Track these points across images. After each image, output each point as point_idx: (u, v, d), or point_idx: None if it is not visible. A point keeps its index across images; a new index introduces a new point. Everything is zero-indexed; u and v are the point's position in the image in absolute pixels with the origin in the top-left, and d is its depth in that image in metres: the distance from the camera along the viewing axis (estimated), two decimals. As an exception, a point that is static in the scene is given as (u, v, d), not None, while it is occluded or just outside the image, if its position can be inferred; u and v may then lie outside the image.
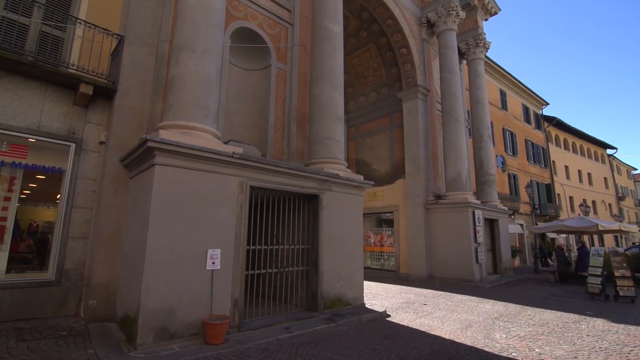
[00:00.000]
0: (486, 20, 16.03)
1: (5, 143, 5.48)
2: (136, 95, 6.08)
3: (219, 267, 4.90)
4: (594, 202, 31.46)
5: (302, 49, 8.74)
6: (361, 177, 7.61)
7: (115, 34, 6.30)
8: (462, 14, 13.82)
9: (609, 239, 30.01)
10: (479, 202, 12.68)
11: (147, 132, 5.85)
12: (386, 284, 11.36)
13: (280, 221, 6.61)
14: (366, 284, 9.99)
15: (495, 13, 16.07)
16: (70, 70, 5.80)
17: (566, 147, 30.37)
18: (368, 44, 14.57)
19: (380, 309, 6.97)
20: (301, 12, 8.91)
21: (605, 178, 35.14)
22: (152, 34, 6.37)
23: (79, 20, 6.10)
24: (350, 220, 7.26)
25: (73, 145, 5.93)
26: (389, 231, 14.27)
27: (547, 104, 28.00)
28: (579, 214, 20.63)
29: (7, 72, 5.48)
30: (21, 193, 5.81)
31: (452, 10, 13.39)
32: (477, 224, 11.87)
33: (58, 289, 5.53)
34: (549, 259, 17.78)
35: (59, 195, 5.92)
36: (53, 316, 5.41)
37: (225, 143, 5.82)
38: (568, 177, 29.23)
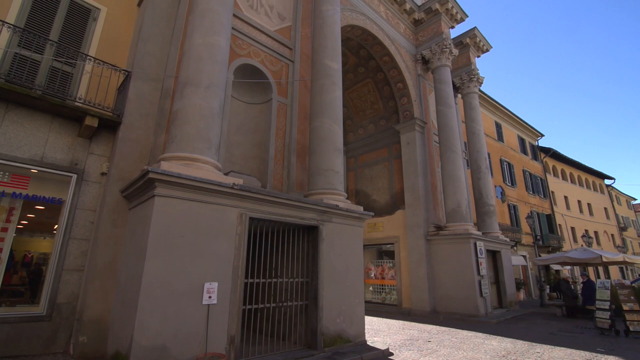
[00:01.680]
0: (478, 57, 16.76)
1: (7, 174, 5.52)
2: (140, 128, 6.21)
3: (215, 301, 4.76)
4: (596, 233, 31.16)
5: (302, 84, 9.06)
6: (361, 208, 7.60)
7: (123, 70, 6.56)
8: (455, 52, 14.47)
9: (614, 271, 29.41)
10: (480, 233, 12.56)
11: (149, 164, 5.92)
12: (388, 319, 10.97)
13: (279, 253, 6.51)
14: (367, 319, 9.65)
15: (487, 50, 16.83)
16: (77, 103, 5.97)
17: (564, 178, 30.59)
18: (366, 79, 15.12)
19: (382, 347, 6.68)
20: (302, 50, 9.33)
21: (605, 208, 35.06)
22: (159, 70, 6.62)
23: (88, 57, 6.38)
24: (350, 252, 7.16)
25: (75, 176, 5.98)
26: (390, 263, 14.01)
27: (542, 135, 28.58)
28: (582, 245, 20.37)
29: (16, 105, 5.64)
30: (18, 223, 5.76)
31: (446, 48, 14.04)
32: (479, 255, 11.68)
33: (49, 324, 5.33)
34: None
35: (56, 226, 5.87)
36: (41, 353, 5.18)
37: (226, 174, 5.88)
38: (568, 207, 29.17)
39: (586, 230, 29.05)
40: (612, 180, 36.16)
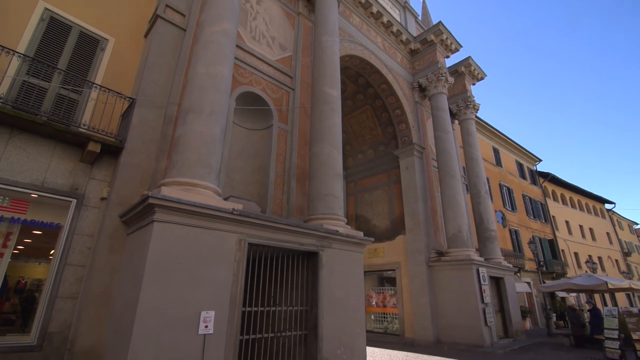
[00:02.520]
0: (474, 84, 17.23)
1: (7, 198, 5.52)
2: (142, 153, 6.28)
3: (212, 331, 4.62)
4: (600, 259, 30.71)
5: (303, 111, 9.25)
6: (361, 234, 7.53)
7: (128, 97, 6.72)
8: (451, 80, 14.89)
9: (621, 298, 28.70)
10: (482, 259, 12.38)
11: (150, 189, 5.94)
12: (390, 350, 10.57)
13: (278, 280, 6.38)
14: (369, 349, 9.30)
15: (482, 78, 17.33)
16: (80, 129, 6.07)
17: (564, 202, 30.55)
18: (364, 106, 15.46)
19: (384, 379, 6.40)
20: (302, 78, 9.61)
21: (607, 233, 34.76)
22: (162, 97, 6.79)
23: (94, 85, 6.55)
24: (351, 279, 7.02)
25: (74, 201, 5.97)
26: (391, 290, 13.69)
27: (540, 160, 28.85)
28: (586, 271, 20.01)
29: (21, 131, 5.73)
30: (15, 248, 5.69)
31: (442, 76, 14.46)
32: (482, 282, 11.44)
33: (38, 355, 5.13)
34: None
35: (52, 251, 5.79)
36: (27, 387, 4.95)
37: (226, 199, 5.88)
38: (570, 232, 28.93)
39: (590, 256, 28.65)
40: (613, 205, 36.11)
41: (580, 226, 30.80)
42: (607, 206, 36.66)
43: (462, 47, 16.07)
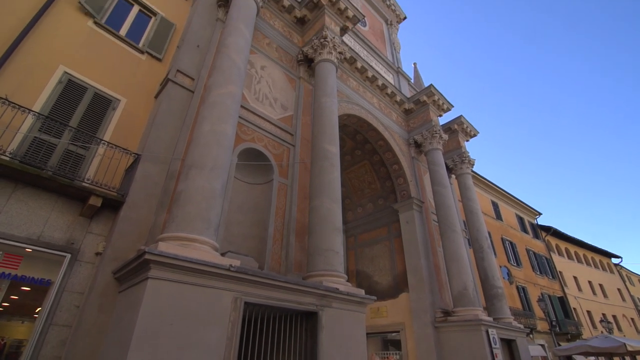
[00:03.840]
0: (467, 140, 17.89)
1: (1, 252, 5.41)
2: (142, 207, 6.31)
3: (201, 402, 4.21)
4: (614, 317, 29.09)
5: (303, 166, 9.49)
6: (362, 291, 7.24)
7: (133, 153, 6.94)
8: (445, 136, 15.50)
9: (644, 364, 26.54)
10: (491, 319, 11.72)
11: (147, 244, 5.85)
12: None
13: (274, 343, 5.98)
14: None
15: (474, 135, 18.04)
16: (84, 184, 6.17)
17: (569, 257, 29.82)
18: (363, 161, 15.88)
19: None
20: (302, 135, 10.02)
21: (619, 289, 33.38)
22: (167, 153, 7.02)
23: (102, 141, 6.81)
24: (352, 342, 6.58)
25: (68, 256, 5.84)
26: (396, 355, 12.74)
27: (540, 213, 28.79)
28: (602, 332, 18.82)
29: (25, 185, 5.82)
30: (0, 306, 5.43)
31: (436, 133, 15.08)
32: (493, 345, 10.69)
33: None
34: None
35: (39, 309, 5.51)
36: None
37: (223, 254, 5.76)
38: (580, 289, 27.79)
39: (604, 314, 27.18)
40: (619, 259, 35.23)
41: (590, 282, 29.68)
42: (614, 260, 35.73)
43: (453, 107, 17.00)
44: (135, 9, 9.06)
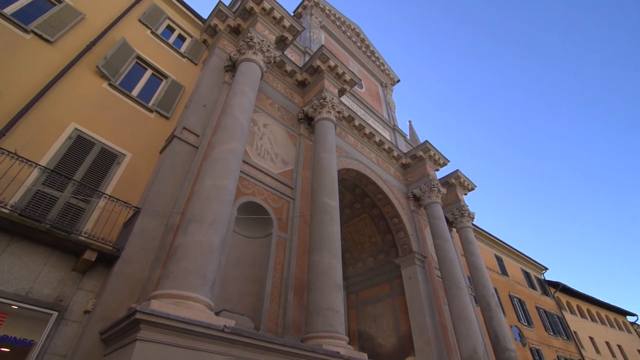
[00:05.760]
0: (465, 194, 18.05)
1: (-16, 311, 5.15)
2: (137, 262, 6.16)
3: None
4: (641, 386, 26.63)
5: (302, 219, 9.47)
6: (365, 356, 6.76)
7: (134, 206, 6.96)
8: (443, 190, 15.68)
9: None
10: (505, 387, 10.75)
11: (139, 301, 5.61)
12: None
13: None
14: None
15: (472, 189, 18.26)
16: (81, 237, 6.09)
17: (582, 315, 28.25)
18: (362, 214, 15.85)
19: None
20: (302, 189, 10.15)
21: (639, 350, 31.03)
22: (168, 207, 7.04)
23: (104, 195, 6.87)
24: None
25: (55, 314, 5.55)
26: None
27: (546, 268, 27.91)
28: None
29: (21, 238, 5.73)
30: (-29, 373, 5.02)
31: (434, 187, 15.28)
32: (510, 419, 9.66)
33: None
34: None
35: (14, 377, 5.09)
36: None
37: (217, 313, 5.50)
38: (598, 351, 25.90)
39: (628, 383, 24.94)
40: (635, 317, 33.29)
41: (607, 343, 27.74)
42: (629, 319, 33.78)
43: (449, 161, 17.45)
44: (149, 72, 9.77)
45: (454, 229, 16.90)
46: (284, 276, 8.12)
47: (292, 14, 19.29)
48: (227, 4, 13.70)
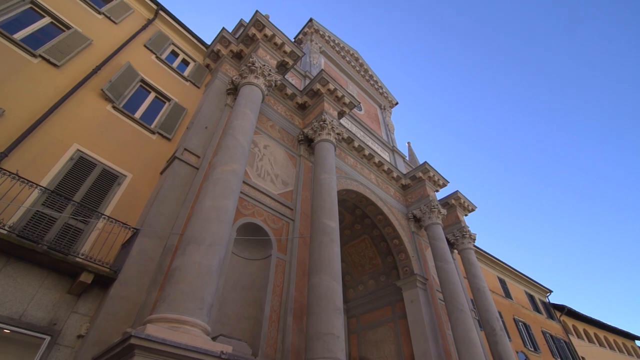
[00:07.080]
0: (466, 215, 17.97)
1: (-26, 336, 5.02)
2: (134, 285, 6.06)
3: None
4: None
5: (302, 241, 9.39)
6: (366, 383, 6.51)
7: (132, 227, 6.92)
8: (444, 211, 15.62)
9: None
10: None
11: (134, 325, 5.48)
12: None
13: None
14: None
15: (472, 210, 18.19)
16: (77, 259, 6.02)
17: (590, 340, 27.41)
18: (362, 235, 15.72)
19: None
20: (302, 210, 10.12)
21: (652, 380, 29.89)
22: (167, 228, 7.00)
23: (103, 216, 6.85)
24: None
25: (48, 338, 5.40)
26: None
27: (551, 291, 27.35)
28: None
29: (17, 259, 5.67)
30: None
31: (434, 208, 15.24)
32: None
33: None
34: None
35: (1, 408, 4.89)
36: None
37: (214, 338, 5.35)
38: (609, 380, 24.92)
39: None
40: (645, 343, 32.29)
41: (618, 372, 26.77)
42: (638, 343, 32.73)
43: (449, 182, 17.49)
44: (152, 95, 10.00)
45: (456, 251, 16.71)
46: (283, 299, 7.96)
47: (293, 40, 19.93)
48: (229, 30, 14.17)
